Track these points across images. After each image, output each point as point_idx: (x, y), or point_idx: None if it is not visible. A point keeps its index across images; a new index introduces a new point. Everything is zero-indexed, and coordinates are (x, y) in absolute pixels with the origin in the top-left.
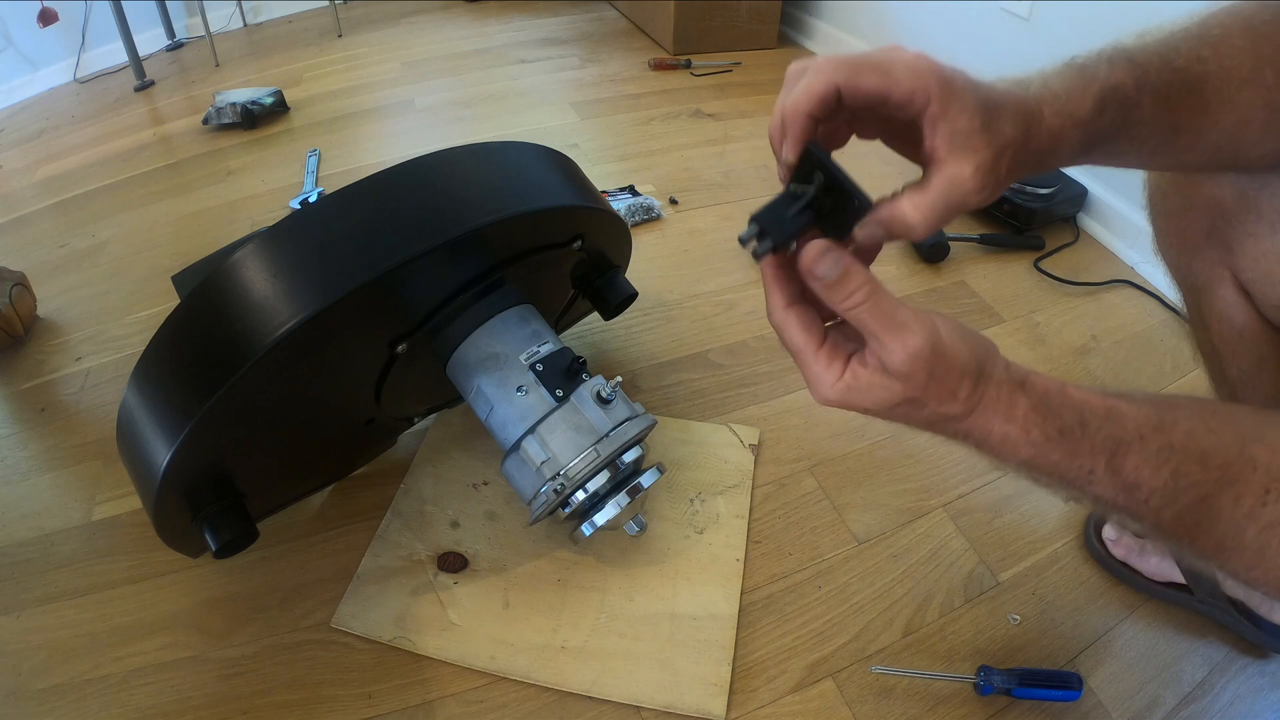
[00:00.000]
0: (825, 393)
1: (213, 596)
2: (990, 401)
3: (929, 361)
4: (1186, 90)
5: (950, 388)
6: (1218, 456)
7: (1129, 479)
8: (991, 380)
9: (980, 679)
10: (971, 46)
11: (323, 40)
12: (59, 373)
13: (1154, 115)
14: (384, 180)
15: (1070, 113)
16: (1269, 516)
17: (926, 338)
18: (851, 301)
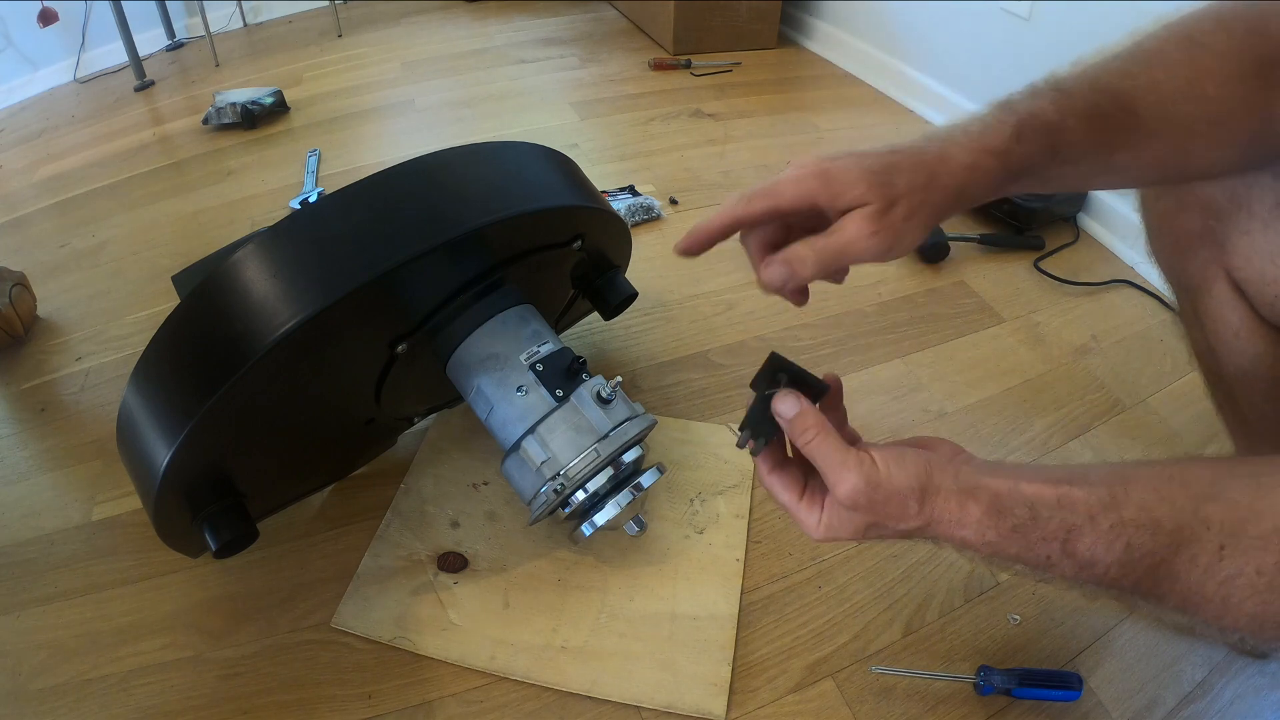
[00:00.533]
0: (813, 533)
1: (213, 596)
2: (942, 513)
3: (868, 494)
4: (1116, 109)
5: (899, 509)
6: (1170, 523)
7: (1084, 558)
8: (939, 493)
9: (980, 679)
10: (971, 46)
11: (323, 40)
12: (59, 373)
13: (1083, 138)
14: (384, 180)
15: (985, 146)
16: (1226, 571)
17: (862, 474)
18: (804, 439)
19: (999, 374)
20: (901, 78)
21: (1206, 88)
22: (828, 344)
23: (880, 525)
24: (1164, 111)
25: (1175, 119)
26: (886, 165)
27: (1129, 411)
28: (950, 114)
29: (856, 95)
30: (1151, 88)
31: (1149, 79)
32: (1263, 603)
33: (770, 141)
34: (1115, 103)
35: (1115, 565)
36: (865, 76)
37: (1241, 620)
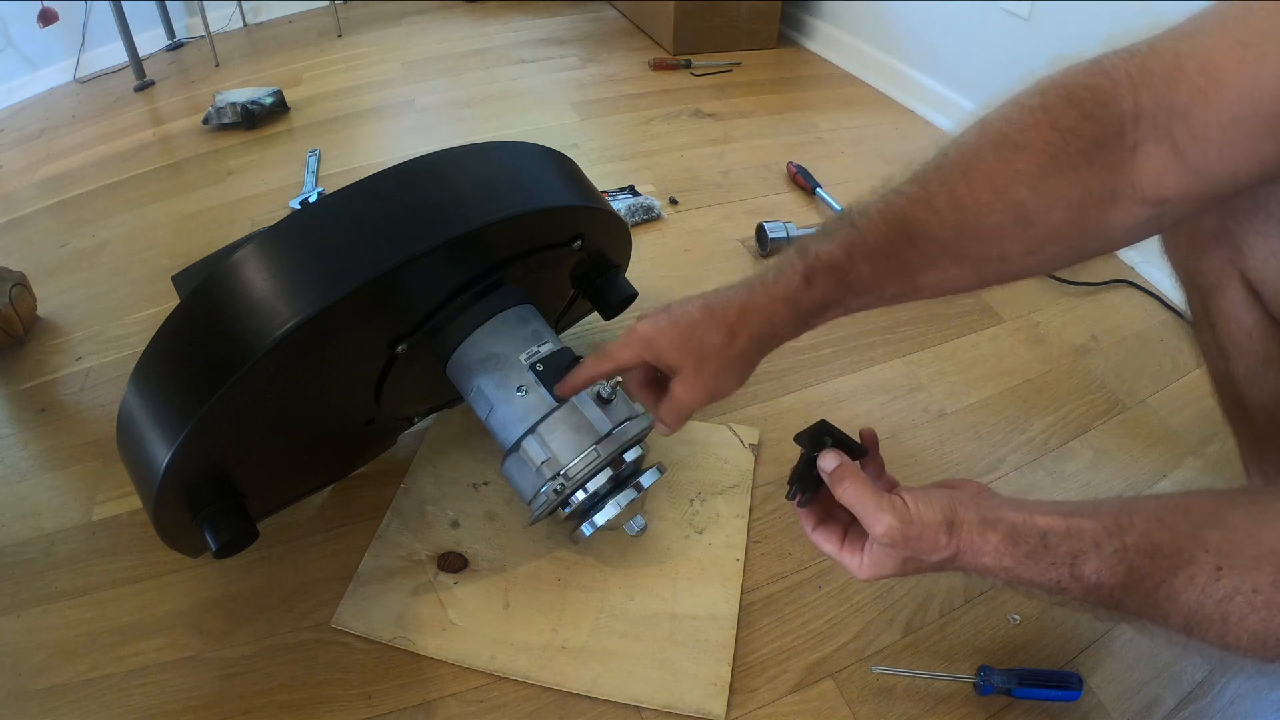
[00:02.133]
0: (859, 574)
1: (213, 596)
2: (968, 543)
3: (903, 530)
4: (907, 241)
5: (931, 542)
6: (1169, 547)
7: (1091, 581)
8: (964, 526)
9: (980, 679)
10: (971, 46)
11: (323, 40)
12: (59, 373)
13: (873, 273)
14: (384, 180)
15: (776, 295)
16: (1223, 590)
17: (895, 514)
18: (842, 488)
19: (999, 374)
20: (901, 78)
21: (1017, 193)
22: (828, 344)
23: (916, 559)
24: (966, 228)
25: (980, 232)
26: (693, 327)
27: (1129, 411)
28: (950, 114)
29: (856, 95)
30: (952, 207)
31: (949, 198)
32: (1262, 620)
33: (770, 141)
34: (906, 234)
35: (1119, 588)
36: (865, 76)
37: (1244, 638)
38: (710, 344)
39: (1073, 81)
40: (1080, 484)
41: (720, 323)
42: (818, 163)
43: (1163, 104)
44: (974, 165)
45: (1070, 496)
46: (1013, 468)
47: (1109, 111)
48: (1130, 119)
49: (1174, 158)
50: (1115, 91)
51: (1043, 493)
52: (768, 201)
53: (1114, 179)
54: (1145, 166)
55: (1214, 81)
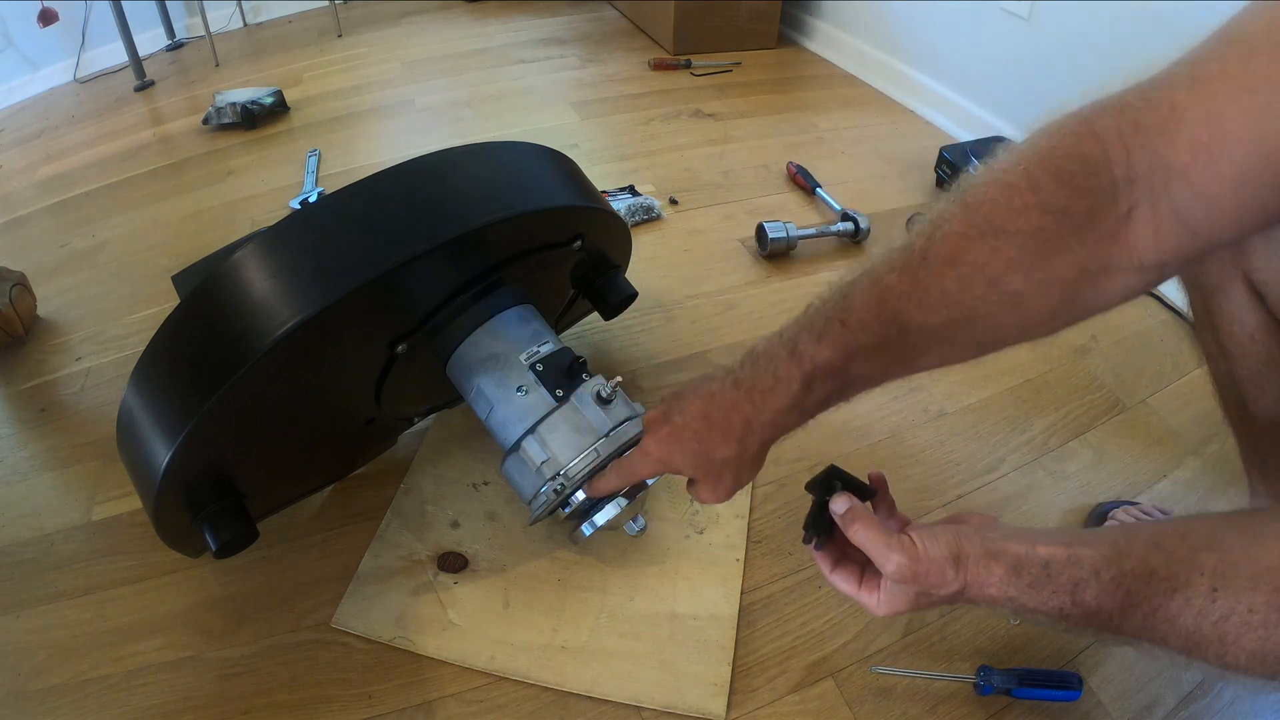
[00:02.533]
0: (877, 611)
1: (213, 596)
2: (975, 576)
3: (911, 567)
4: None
5: (939, 577)
6: (1164, 571)
7: (1091, 607)
8: (970, 559)
9: (980, 679)
10: (971, 46)
11: (323, 40)
12: (59, 373)
13: (871, 368)
14: (384, 180)
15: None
16: (1219, 610)
17: (904, 552)
18: (853, 530)
19: (999, 374)
20: (901, 78)
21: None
22: None
23: (927, 593)
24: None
25: (974, 321)
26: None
27: (1129, 411)
28: (950, 114)
29: (856, 95)
30: (945, 302)
31: (940, 294)
32: (1259, 640)
33: (770, 141)
34: (900, 329)
35: (1118, 612)
36: (865, 76)
37: (1242, 658)
38: (722, 457)
39: (1060, 152)
40: (1080, 484)
41: (728, 436)
42: (818, 163)
43: (1159, 164)
44: (963, 258)
45: (1070, 496)
46: (1013, 468)
47: (1100, 181)
48: (1124, 184)
49: (1173, 221)
50: (1105, 156)
51: (1043, 492)
52: (768, 201)
53: (1108, 252)
54: (1140, 233)
55: (1218, 135)
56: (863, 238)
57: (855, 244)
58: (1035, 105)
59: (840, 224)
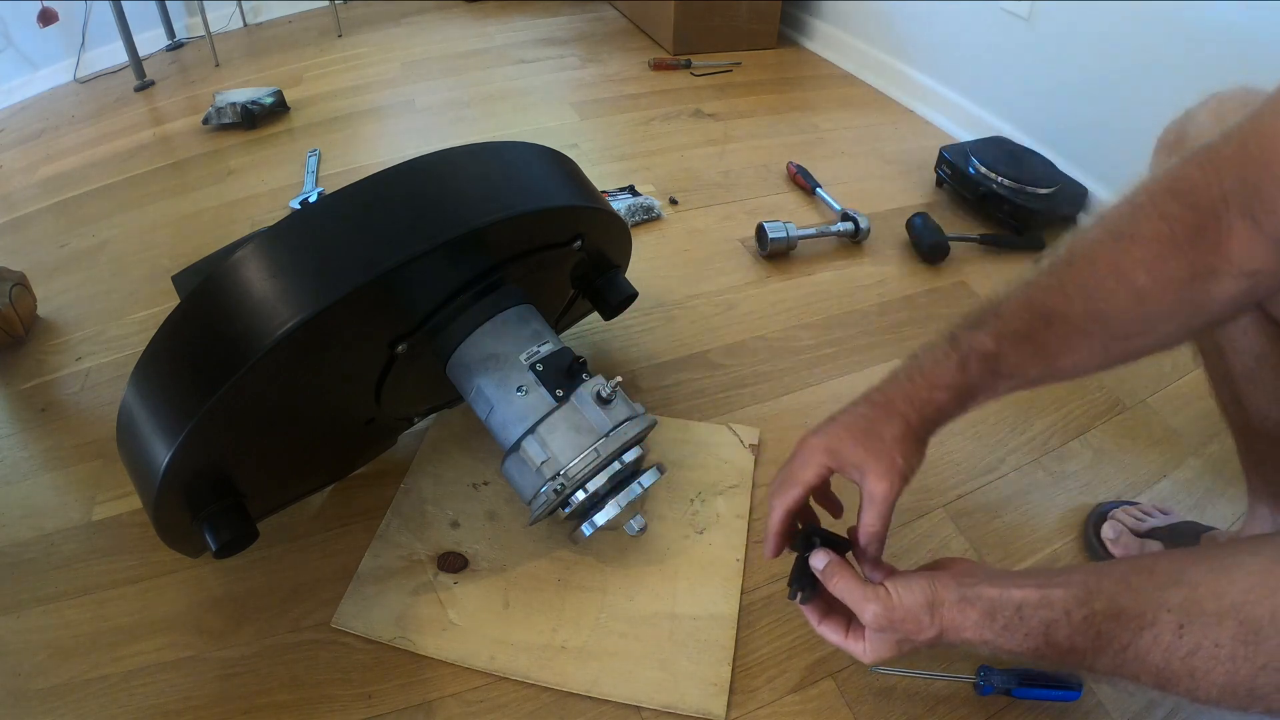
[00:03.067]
0: (865, 659)
1: (213, 596)
2: (950, 621)
3: (887, 615)
4: (1046, 327)
5: (915, 624)
6: (1133, 609)
7: (1064, 647)
8: (944, 605)
9: (980, 679)
10: (971, 46)
11: (323, 40)
12: (59, 373)
13: (1020, 358)
14: (384, 180)
15: (937, 383)
16: (1186, 647)
17: (879, 603)
18: (833, 584)
19: None
20: (901, 78)
21: (1136, 277)
22: (828, 344)
23: (907, 640)
24: (1094, 311)
25: (1107, 315)
26: (870, 424)
27: (1129, 411)
28: (950, 114)
29: (856, 95)
30: (1082, 293)
31: (1078, 286)
32: (1228, 673)
33: (770, 141)
34: (1046, 321)
35: (1091, 652)
36: (865, 76)
37: (1213, 691)
38: (890, 435)
39: (1173, 177)
40: (1080, 484)
41: (893, 413)
42: (818, 163)
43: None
44: (1098, 255)
45: (1070, 496)
46: (1013, 468)
47: (1203, 198)
48: (1221, 202)
49: (1257, 232)
50: (1206, 180)
51: (1042, 492)
52: (768, 201)
53: (1213, 257)
54: (1236, 243)
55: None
56: (863, 238)
57: (855, 244)
58: (1035, 105)
59: (840, 224)
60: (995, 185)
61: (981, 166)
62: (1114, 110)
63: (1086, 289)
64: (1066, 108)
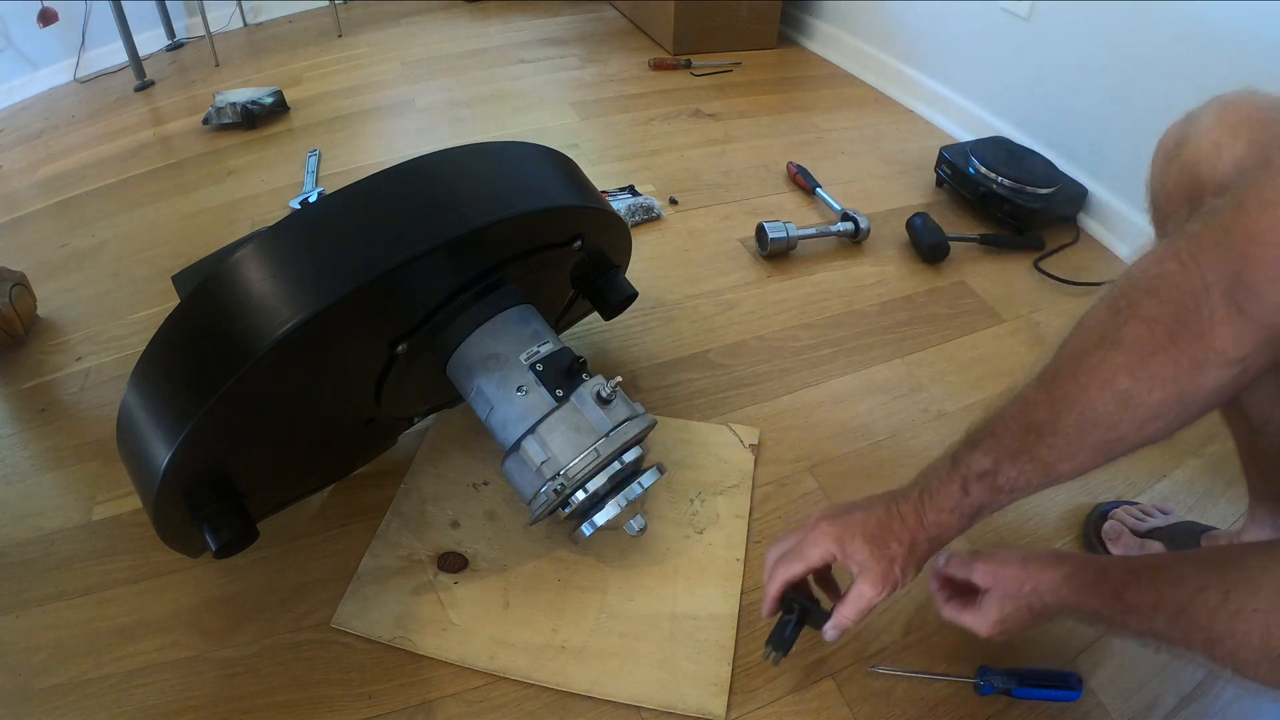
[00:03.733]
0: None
1: (213, 596)
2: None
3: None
4: (1040, 441)
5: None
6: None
7: (1130, 603)
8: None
9: (980, 679)
10: (971, 46)
11: (323, 40)
12: (59, 373)
13: (1018, 473)
14: (384, 180)
15: (943, 506)
16: (1232, 607)
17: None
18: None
19: (999, 374)
20: (901, 78)
21: (1120, 383)
22: (827, 344)
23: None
24: (1083, 422)
25: (1096, 424)
26: (882, 532)
27: None
28: (950, 114)
29: (856, 95)
30: (1068, 406)
31: (1065, 398)
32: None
33: (770, 141)
34: (1039, 435)
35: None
36: (865, 76)
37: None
38: (898, 549)
39: (1147, 274)
40: (1080, 484)
41: (904, 531)
42: (818, 163)
43: (1223, 274)
44: (1081, 366)
45: (1070, 496)
46: None
47: (1182, 291)
48: (1201, 292)
49: (1243, 319)
50: (1184, 272)
51: (1043, 492)
52: (768, 201)
53: (1198, 350)
54: (1221, 332)
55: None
56: (863, 238)
57: (855, 244)
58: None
59: (840, 224)
60: (995, 185)
61: (981, 166)
62: (1114, 110)
63: (1073, 401)
64: (1066, 108)
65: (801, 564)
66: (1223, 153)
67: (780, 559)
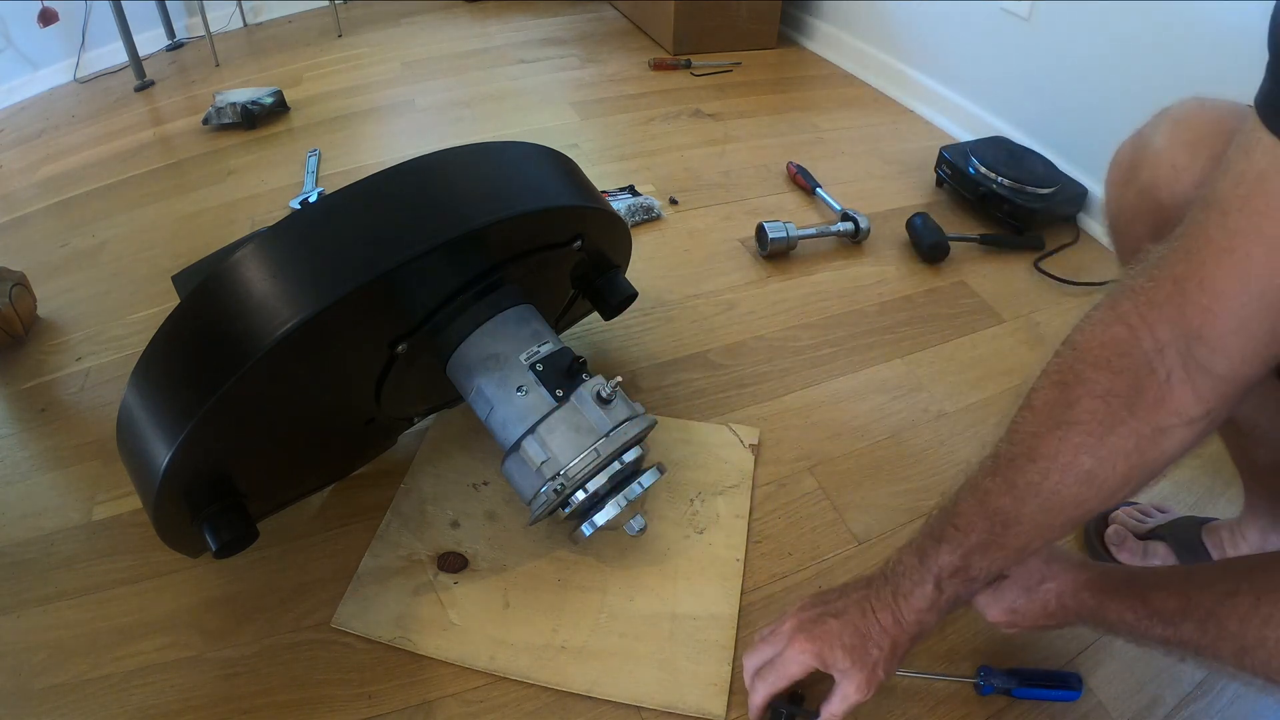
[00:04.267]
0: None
1: (213, 596)
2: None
3: None
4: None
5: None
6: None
7: (1156, 608)
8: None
9: (980, 679)
10: (971, 46)
11: (323, 40)
12: (59, 373)
13: (988, 562)
14: (384, 180)
15: (919, 607)
16: (1263, 614)
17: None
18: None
19: (999, 374)
20: (901, 78)
21: (1082, 464)
22: (827, 344)
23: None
24: (1047, 506)
25: (1060, 503)
26: (860, 639)
27: None
28: (950, 114)
29: (856, 95)
30: (1030, 491)
31: (1026, 485)
32: None
33: (770, 141)
34: (1004, 525)
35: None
36: (865, 76)
37: None
38: (878, 653)
39: (1095, 343)
40: None
41: (883, 636)
42: (818, 163)
43: (1178, 332)
44: (1039, 452)
45: None
46: None
47: (1134, 359)
48: (1155, 354)
49: (1204, 375)
50: (1134, 336)
51: None
52: (768, 201)
53: (1157, 415)
54: (1180, 392)
55: (1214, 296)
56: (863, 238)
57: (855, 244)
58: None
59: (840, 224)
60: (995, 185)
61: (981, 166)
62: (1114, 110)
63: (1035, 489)
64: (1066, 108)
65: (784, 680)
66: (1181, 174)
67: (760, 673)
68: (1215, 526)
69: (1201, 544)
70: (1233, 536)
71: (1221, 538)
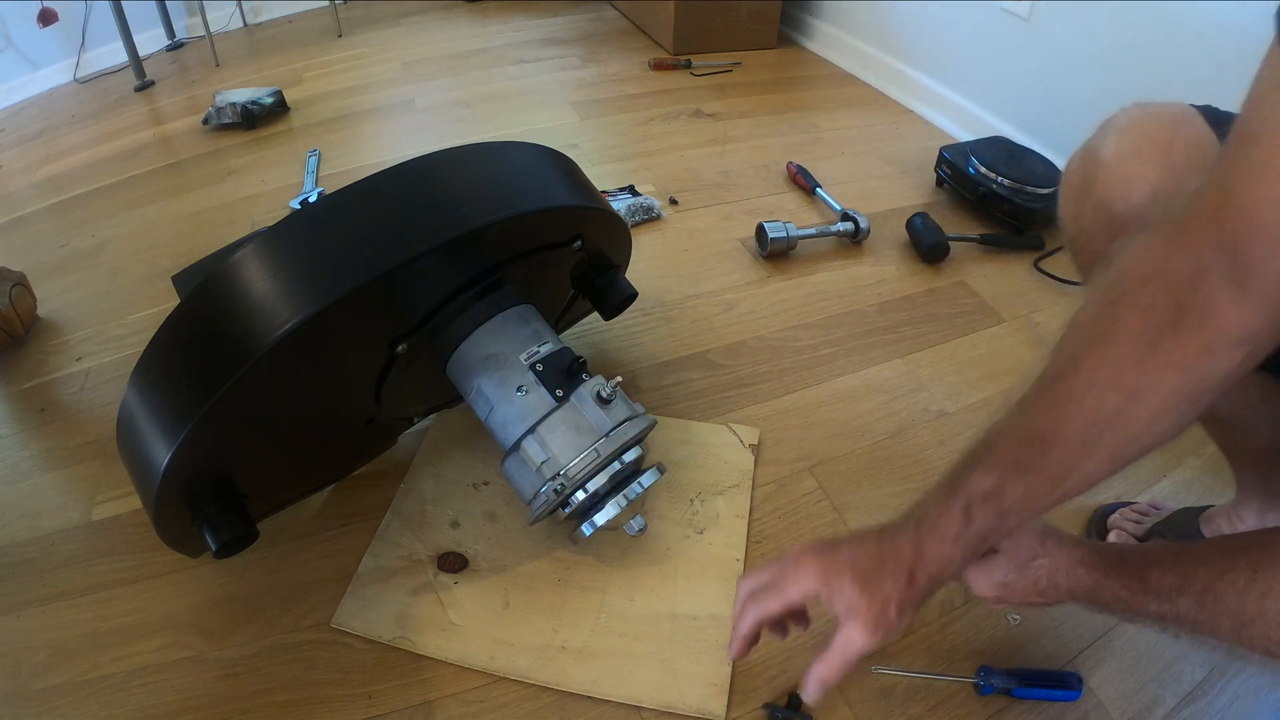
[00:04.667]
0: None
1: (213, 596)
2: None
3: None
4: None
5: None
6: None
7: (1153, 585)
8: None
9: (980, 679)
10: (971, 46)
11: (323, 40)
12: (59, 373)
13: (1023, 492)
14: (384, 180)
15: (944, 536)
16: (1261, 587)
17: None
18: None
19: (999, 374)
20: (901, 78)
21: (1126, 376)
22: (827, 344)
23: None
24: (1092, 422)
25: (1106, 423)
26: (875, 567)
27: None
28: (950, 114)
29: (856, 95)
30: (1075, 407)
31: (1069, 398)
32: None
33: (770, 141)
34: (1044, 447)
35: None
36: (865, 76)
37: None
38: (893, 589)
39: (1137, 262)
40: None
41: (899, 567)
42: (818, 163)
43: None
44: (1083, 364)
45: None
46: None
47: (1178, 277)
48: (1199, 273)
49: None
50: (1177, 256)
51: None
52: (768, 201)
53: (1204, 332)
54: (1224, 313)
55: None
56: (863, 238)
57: (855, 244)
58: (1035, 105)
59: (840, 224)
60: (995, 185)
61: (981, 166)
62: (1114, 110)
63: (1079, 401)
64: (1066, 108)
65: (779, 600)
66: (1134, 185)
67: (754, 594)
68: (1212, 514)
69: (1200, 535)
70: (1230, 521)
71: (1219, 524)
